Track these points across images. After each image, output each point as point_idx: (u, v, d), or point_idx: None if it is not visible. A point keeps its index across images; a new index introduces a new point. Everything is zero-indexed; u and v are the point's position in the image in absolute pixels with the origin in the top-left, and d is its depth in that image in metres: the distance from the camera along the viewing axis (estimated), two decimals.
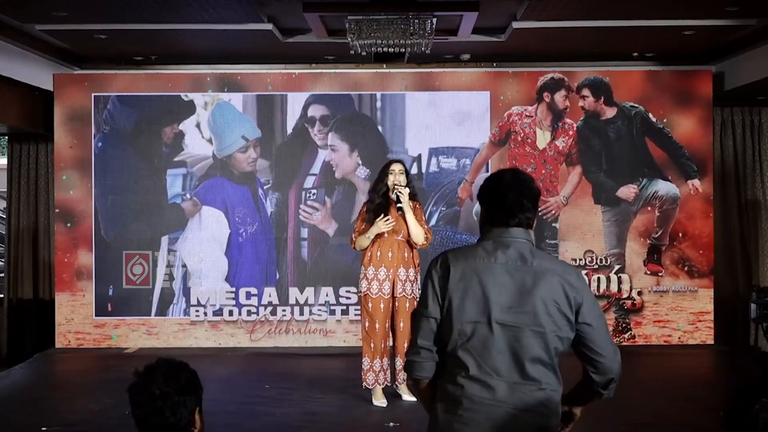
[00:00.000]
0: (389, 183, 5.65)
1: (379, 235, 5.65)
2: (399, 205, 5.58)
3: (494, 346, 2.43)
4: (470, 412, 2.42)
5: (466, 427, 2.42)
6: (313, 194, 7.93)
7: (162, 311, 7.87)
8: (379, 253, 5.66)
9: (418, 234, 5.63)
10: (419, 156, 7.90)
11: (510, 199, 2.51)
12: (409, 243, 5.69)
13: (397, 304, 5.67)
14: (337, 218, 7.90)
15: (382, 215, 5.64)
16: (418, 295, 5.02)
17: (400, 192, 5.56)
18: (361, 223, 5.73)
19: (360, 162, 7.89)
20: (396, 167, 5.70)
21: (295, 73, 8.03)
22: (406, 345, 5.41)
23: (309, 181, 7.95)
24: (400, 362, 5.68)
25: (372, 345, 5.69)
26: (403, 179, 5.66)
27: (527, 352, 2.43)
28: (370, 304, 5.67)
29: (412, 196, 5.70)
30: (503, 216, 2.53)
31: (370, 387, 5.74)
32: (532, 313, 2.43)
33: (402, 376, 5.78)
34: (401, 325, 5.66)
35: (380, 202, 5.67)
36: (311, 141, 7.95)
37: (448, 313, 2.47)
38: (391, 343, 5.80)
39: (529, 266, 2.48)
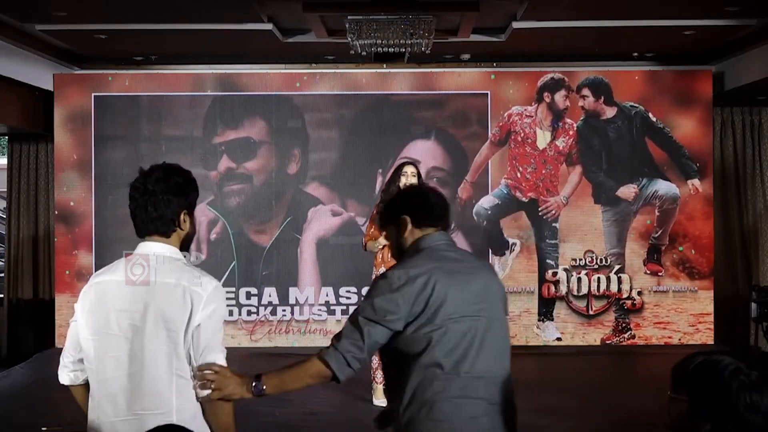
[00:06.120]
0: (401, 185, 5.67)
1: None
2: None
3: (471, 343, 2.44)
4: (448, 415, 2.40)
5: (447, 429, 2.41)
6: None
7: None
8: (389, 256, 5.70)
9: None
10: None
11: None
12: None
13: None
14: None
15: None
16: None
17: None
18: (371, 225, 5.78)
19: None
20: (408, 169, 5.72)
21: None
22: None
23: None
24: None
25: None
26: (415, 181, 5.68)
27: (498, 346, 2.50)
28: None
29: None
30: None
31: (379, 383, 5.77)
32: (494, 305, 2.53)
33: None
34: None
35: None
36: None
37: (416, 317, 2.43)
38: None
39: (473, 262, 2.64)
